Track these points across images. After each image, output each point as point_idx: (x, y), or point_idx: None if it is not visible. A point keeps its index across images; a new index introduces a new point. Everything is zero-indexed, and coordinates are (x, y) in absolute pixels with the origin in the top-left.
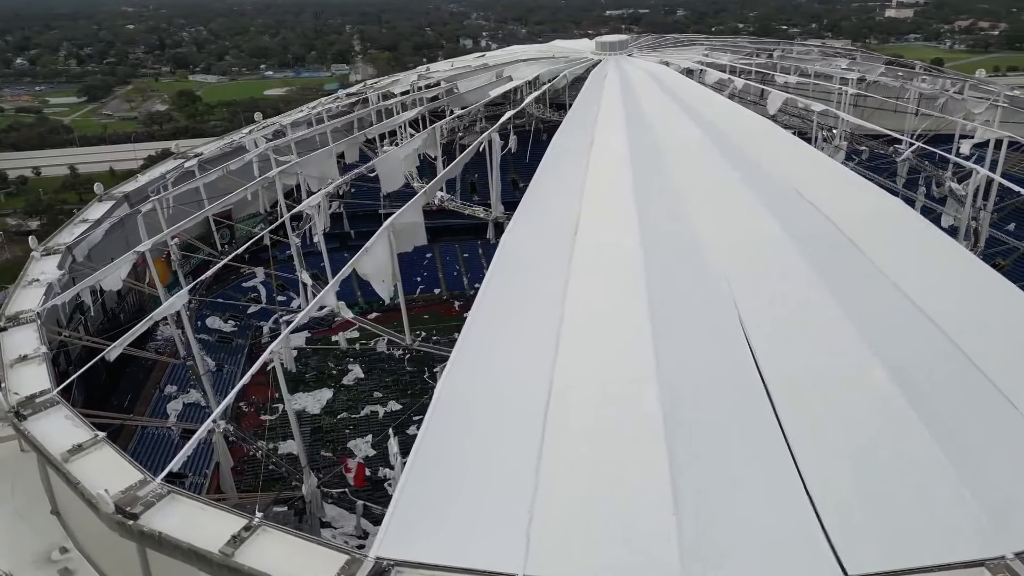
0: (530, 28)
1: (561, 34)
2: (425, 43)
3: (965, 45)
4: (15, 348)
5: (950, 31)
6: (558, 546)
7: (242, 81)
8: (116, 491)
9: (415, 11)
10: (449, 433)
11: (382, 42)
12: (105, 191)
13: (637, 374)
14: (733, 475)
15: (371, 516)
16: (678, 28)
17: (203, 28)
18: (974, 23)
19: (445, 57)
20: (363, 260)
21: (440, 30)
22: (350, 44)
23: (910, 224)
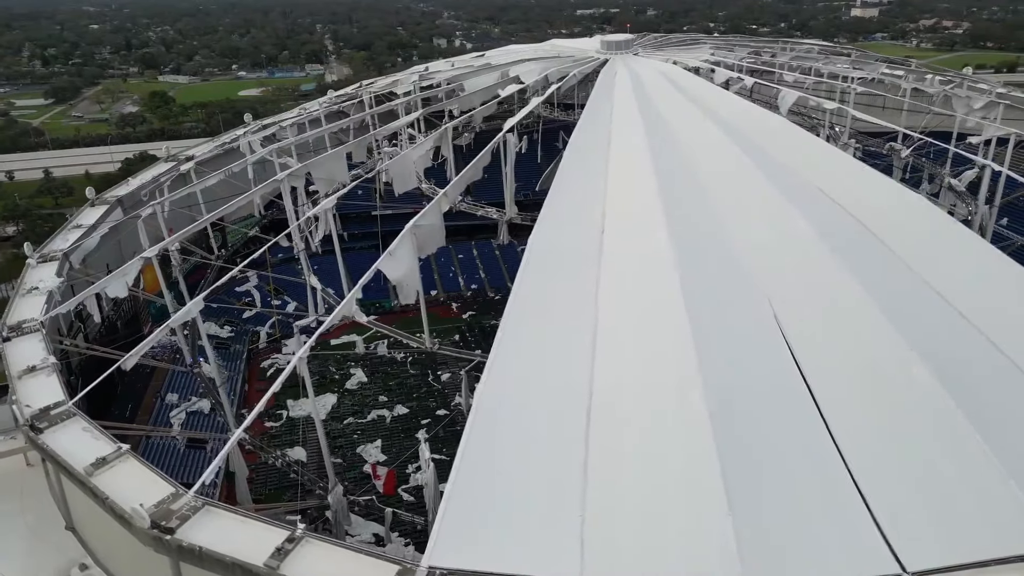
0: (503, 27)
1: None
2: (399, 42)
3: (931, 43)
4: (22, 359)
5: (915, 30)
6: (614, 550)
7: (215, 82)
8: (149, 505)
9: (385, 10)
10: (492, 438)
11: (355, 42)
12: (97, 196)
13: (680, 375)
14: (784, 475)
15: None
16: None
17: (169, 28)
18: (938, 22)
19: (421, 56)
20: (388, 264)
21: (412, 29)
22: (323, 44)
23: (935, 220)
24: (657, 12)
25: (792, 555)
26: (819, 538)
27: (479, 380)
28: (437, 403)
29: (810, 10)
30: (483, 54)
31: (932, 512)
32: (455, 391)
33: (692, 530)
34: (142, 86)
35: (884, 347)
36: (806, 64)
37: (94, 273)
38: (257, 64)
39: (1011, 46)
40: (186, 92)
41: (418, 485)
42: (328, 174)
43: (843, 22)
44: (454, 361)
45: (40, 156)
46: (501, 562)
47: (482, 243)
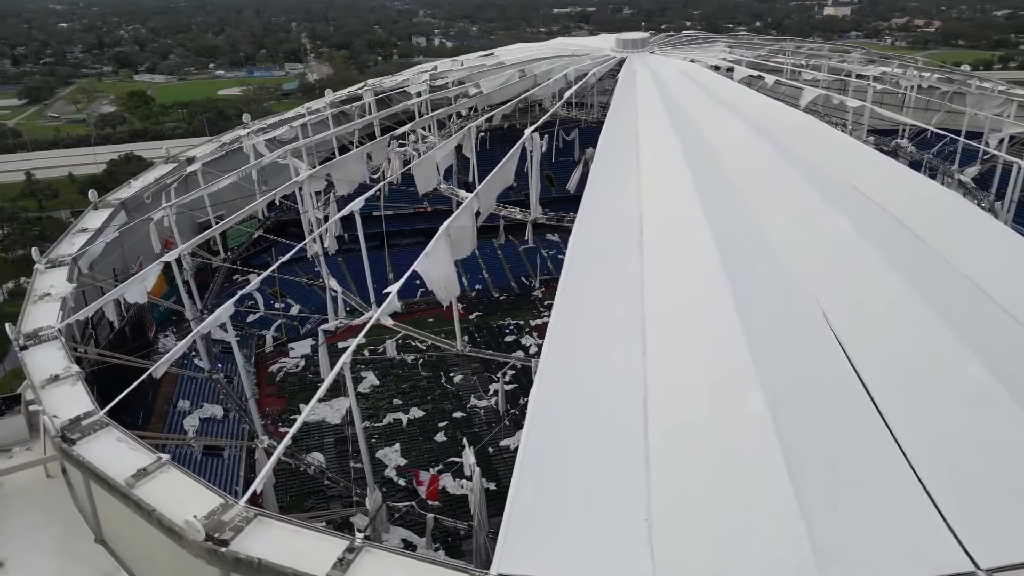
0: (481, 26)
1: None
2: (378, 41)
3: (905, 42)
4: (43, 368)
5: (888, 28)
6: (685, 555)
7: (192, 81)
8: (199, 517)
9: (360, 8)
10: (550, 442)
11: (333, 40)
12: (100, 198)
13: (736, 373)
14: (848, 473)
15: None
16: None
17: (141, 26)
18: (910, 21)
19: (401, 55)
20: (424, 265)
21: (390, 28)
22: (300, 42)
23: (967, 214)
24: (633, 11)
25: (865, 554)
26: (890, 536)
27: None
28: (452, 405)
29: (783, 9)
30: (491, 52)
31: (999, 508)
32: (469, 393)
33: (764, 531)
34: (118, 86)
35: (936, 341)
36: (821, 62)
37: (102, 278)
38: (235, 63)
39: (982, 44)
40: (164, 91)
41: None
42: (348, 175)
43: (817, 21)
44: (466, 362)
45: (20, 158)
46: (571, 568)
47: (483, 243)
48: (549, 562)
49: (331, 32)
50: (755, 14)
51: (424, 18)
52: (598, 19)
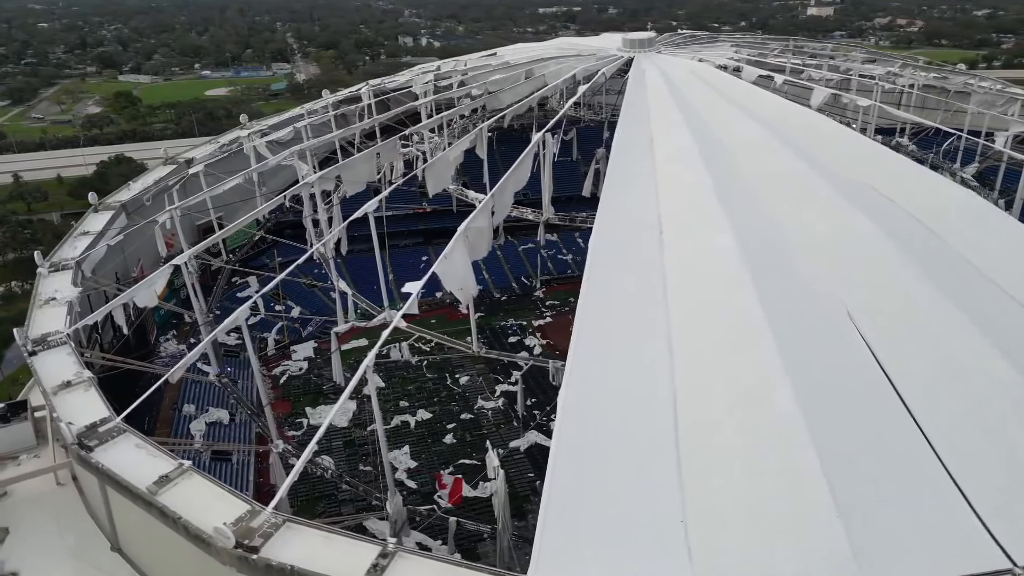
0: (468, 26)
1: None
2: (365, 41)
3: (889, 41)
4: (54, 373)
5: (871, 28)
6: (723, 556)
7: (178, 81)
8: (227, 523)
9: (344, 8)
10: (582, 446)
11: (320, 40)
12: (100, 201)
13: (765, 374)
14: (882, 473)
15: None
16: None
17: (123, 26)
18: (892, 20)
19: (389, 55)
20: (443, 267)
21: (376, 28)
22: (286, 42)
23: (987, 215)
24: (618, 11)
25: (902, 551)
26: (926, 535)
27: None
28: (459, 407)
29: (767, 9)
30: (494, 52)
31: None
32: (476, 394)
33: (801, 530)
34: (103, 86)
35: (964, 342)
36: (823, 62)
37: (105, 282)
38: (221, 63)
39: (965, 44)
40: (150, 92)
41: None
42: (358, 176)
43: (801, 21)
44: (471, 364)
45: (6, 160)
46: (610, 572)
47: None
48: (587, 566)
49: (317, 32)
50: (740, 14)
51: (409, 18)
52: (584, 19)
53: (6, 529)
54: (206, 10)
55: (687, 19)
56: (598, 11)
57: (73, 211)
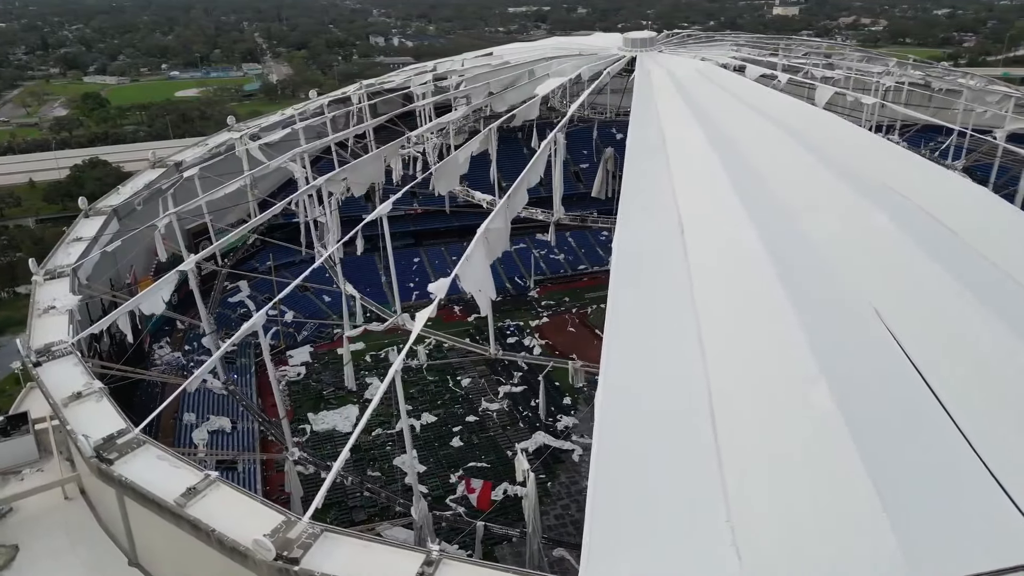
0: (439, 25)
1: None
2: (336, 41)
3: (856, 40)
4: (62, 385)
5: (837, 27)
6: (773, 557)
7: (146, 82)
8: (262, 535)
9: (312, 7)
10: (621, 448)
11: (290, 40)
12: (90, 206)
13: (800, 372)
14: (924, 469)
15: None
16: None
17: (85, 26)
18: (857, 19)
19: (361, 55)
20: (464, 270)
21: (346, 27)
22: (256, 42)
23: (1000, 210)
24: (587, 10)
25: (951, 548)
26: (972, 529)
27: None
28: (464, 409)
29: (734, 8)
30: (491, 51)
31: None
32: (479, 396)
33: (849, 528)
34: (68, 88)
35: (992, 337)
36: (825, 61)
37: (102, 289)
38: (189, 63)
39: (928, 42)
40: (117, 93)
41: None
42: (366, 178)
43: (768, 20)
44: (471, 365)
45: None
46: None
47: None
48: (637, 568)
49: (286, 32)
50: (708, 13)
51: (379, 17)
52: (555, 18)
53: (15, 546)
54: (170, 9)
55: (656, 19)
56: (567, 11)
57: (49, 216)
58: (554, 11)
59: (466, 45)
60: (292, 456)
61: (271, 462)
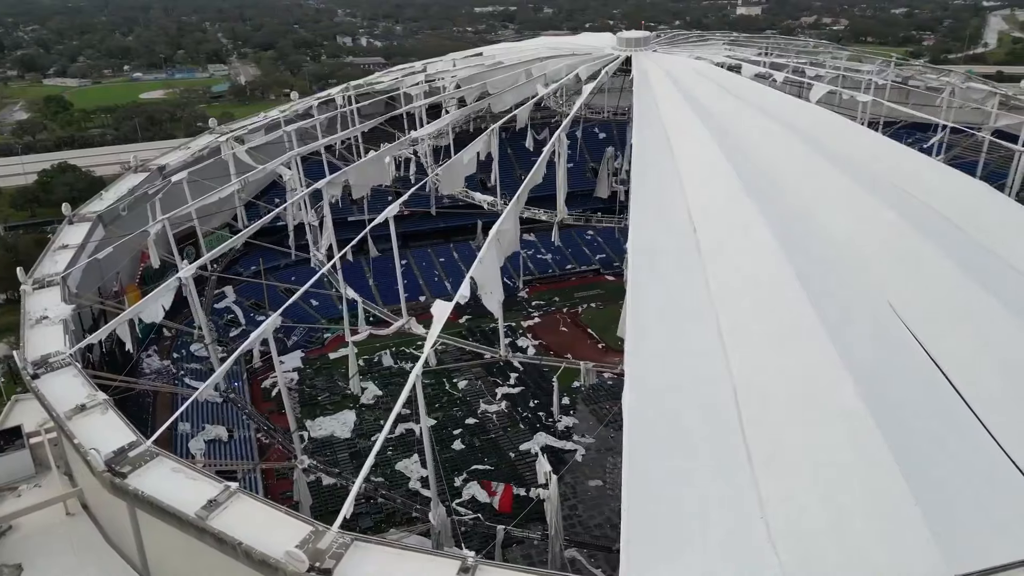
0: (406, 25)
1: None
2: (303, 41)
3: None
4: (64, 397)
5: (800, 26)
6: (810, 552)
7: (108, 84)
8: (291, 546)
9: (275, 7)
10: (652, 449)
11: (256, 41)
12: (74, 212)
13: (824, 370)
14: (950, 461)
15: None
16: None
17: (41, 27)
18: (818, 19)
19: (330, 55)
20: (479, 272)
21: (312, 28)
22: (220, 43)
23: (999, 203)
24: (554, 10)
25: (983, 538)
26: (1001, 518)
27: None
28: (462, 411)
29: (699, 8)
30: (480, 51)
31: None
32: (477, 398)
33: (882, 521)
34: (28, 91)
35: (1005, 329)
36: (815, 60)
37: (91, 297)
38: (153, 64)
39: (889, 41)
40: (80, 96)
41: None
42: (367, 180)
43: (732, 20)
44: (467, 367)
45: None
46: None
47: (461, 245)
48: (677, 567)
49: (250, 32)
50: (673, 13)
51: (344, 17)
52: (522, 18)
53: (19, 566)
54: (128, 9)
55: (622, 18)
56: (534, 11)
57: (19, 223)
58: (521, 11)
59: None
60: (302, 464)
61: (271, 470)
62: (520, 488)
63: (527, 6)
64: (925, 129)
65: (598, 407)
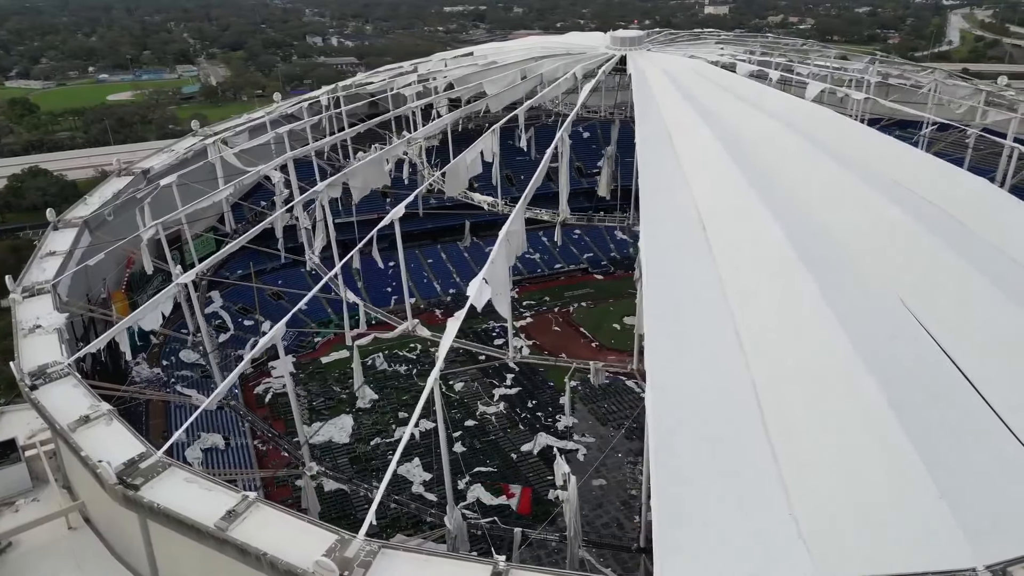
0: (375, 25)
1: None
2: (273, 41)
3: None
4: (65, 409)
5: (767, 25)
6: (841, 548)
7: (74, 86)
8: (318, 555)
9: (241, 7)
10: (677, 450)
11: (224, 41)
12: (58, 218)
13: (843, 365)
14: (970, 452)
15: None
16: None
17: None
18: (785, 18)
19: (300, 55)
20: (491, 273)
21: (281, 28)
22: (188, 43)
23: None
24: (524, 9)
25: (1010, 529)
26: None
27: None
28: (461, 414)
29: (667, 8)
30: (471, 51)
31: None
32: (475, 400)
33: (909, 515)
34: None
35: (1015, 320)
36: (806, 58)
37: (81, 304)
38: (119, 65)
39: (855, 39)
40: (45, 98)
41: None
42: (366, 182)
43: (701, 19)
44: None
45: None
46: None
47: (449, 245)
48: (710, 567)
49: (217, 32)
50: (643, 12)
51: (313, 17)
52: (492, 17)
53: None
54: (89, 10)
55: (592, 18)
56: (504, 10)
57: None
58: (491, 11)
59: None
60: (310, 471)
61: (271, 479)
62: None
63: (496, 5)
64: (906, 126)
65: (596, 406)
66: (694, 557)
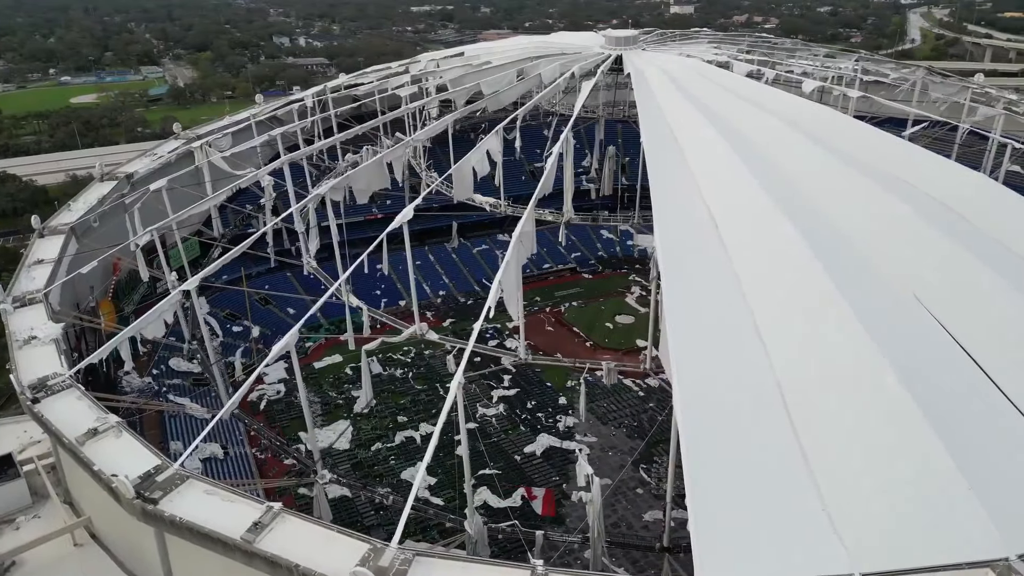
0: (343, 25)
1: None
2: (240, 42)
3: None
4: (72, 422)
5: (732, 25)
6: (873, 539)
7: (35, 89)
8: (353, 565)
9: (203, 7)
10: (709, 448)
11: (189, 41)
12: (43, 224)
13: (865, 361)
14: (993, 444)
15: None
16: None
17: None
18: (750, 17)
19: (268, 56)
20: (506, 274)
21: (246, 28)
22: (150, 44)
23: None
24: (491, 9)
25: None
26: None
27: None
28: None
29: (634, 7)
30: (461, 51)
31: None
32: (473, 401)
33: (940, 506)
34: None
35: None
36: (795, 57)
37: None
38: (81, 67)
39: (818, 38)
40: (5, 101)
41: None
42: (368, 185)
43: (667, 18)
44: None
45: None
46: (770, 571)
47: (436, 247)
48: (744, 568)
49: (181, 32)
50: (610, 12)
51: (277, 17)
52: (460, 17)
53: None
54: (45, 10)
55: (560, 17)
56: (471, 10)
57: None
58: (458, 11)
59: (377, 45)
60: (322, 480)
61: (272, 489)
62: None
63: (464, 5)
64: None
65: (596, 406)
66: (733, 555)
